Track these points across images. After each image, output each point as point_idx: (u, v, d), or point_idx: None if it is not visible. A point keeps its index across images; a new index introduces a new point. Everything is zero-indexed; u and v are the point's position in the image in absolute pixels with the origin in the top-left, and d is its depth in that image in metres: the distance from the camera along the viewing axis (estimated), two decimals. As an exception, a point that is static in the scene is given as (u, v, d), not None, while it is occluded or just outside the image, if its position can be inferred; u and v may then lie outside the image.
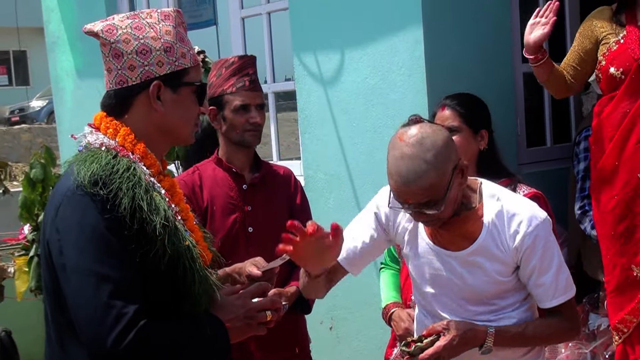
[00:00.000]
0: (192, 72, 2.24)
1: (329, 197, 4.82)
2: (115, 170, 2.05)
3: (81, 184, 2.02)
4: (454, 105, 3.33)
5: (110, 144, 2.15)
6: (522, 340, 2.67)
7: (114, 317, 1.94)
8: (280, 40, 5.49)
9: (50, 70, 7.17)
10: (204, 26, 6.30)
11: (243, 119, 3.28)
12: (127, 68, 2.16)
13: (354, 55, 4.65)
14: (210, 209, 3.29)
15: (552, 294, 2.63)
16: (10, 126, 21.46)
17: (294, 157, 5.84)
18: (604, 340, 4.07)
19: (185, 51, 2.22)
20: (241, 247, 3.27)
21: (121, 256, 2.00)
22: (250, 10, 5.61)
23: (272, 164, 3.65)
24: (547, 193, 3.47)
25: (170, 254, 2.05)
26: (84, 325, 1.99)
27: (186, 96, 2.23)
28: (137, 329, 1.95)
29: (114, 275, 1.97)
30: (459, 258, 2.64)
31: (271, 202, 3.38)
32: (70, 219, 2.03)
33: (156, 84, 2.16)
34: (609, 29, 3.82)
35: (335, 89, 4.78)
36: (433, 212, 2.48)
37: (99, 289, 1.96)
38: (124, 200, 2.01)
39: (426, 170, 2.43)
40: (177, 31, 2.22)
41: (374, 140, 4.57)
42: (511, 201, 2.62)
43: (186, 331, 2.09)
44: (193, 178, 3.34)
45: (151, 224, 2.03)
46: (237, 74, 3.30)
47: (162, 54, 2.16)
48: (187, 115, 2.25)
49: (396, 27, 4.41)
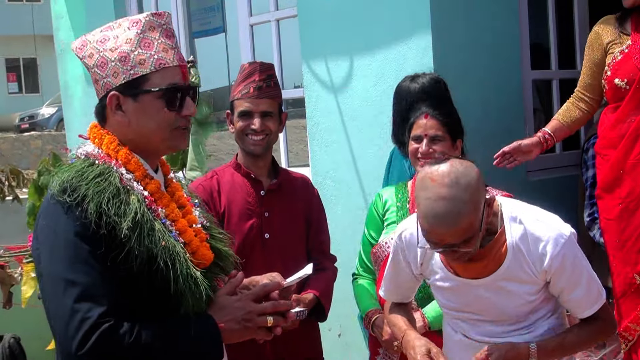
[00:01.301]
0: (154, 77, 2.18)
1: (338, 203, 4.82)
2: (84, 177, 2.09)
3: (53, 192, 2.08)
4: (436, 114, 3.29)
5: (94, 153, 2.18)
6: (563, 351, 2.66)
7: (77, 322, 1.97)
8: (289, 48, 5.50)
9: (60, 77, 7.19)
10: (213, 33, 6.32)
11: (245, 125, 3.27)
12: (94, 81, 2.23)
13: (363, 62, 4.65)
14: (228, 214, 3.27)
15: (585, 305, 2.61)
16: (21, 133, 21.56)
17: (302, 164, 5.84)
18: (613, 348, 4.06)
19: (146, 57, 2.17)
20: (257, 253, 3.26)
21: (89, 261, 2.02)
22: (259, 17, 5.62)
23: (289, 170, 3.63)
24: (556, 200, 3.47)
25: (141, 255, 2.05)
26: (55, 331, 2.04)
27: (149, 103, 2.18)
28: (100, 332, 1.97)
29: (81, 280, 2.00)
30: (486, 285, 2.59)
31: (288, 209, 3.36)
32: (46, 228, 2.08)
33: (112, 95, 2.17)
34: (613, 38, 3.82)
35: (344, 96, 4.79)
36: (468, 250, 2.43)
37: (65, 294, 2.00)
38: (90, 205, 2.03)
39: (465, 212, 2.36)
40: (142, 37, 2.18)
41: (383, 147, 4.56)
42: (534, 222, 2.57)
43: (165, 331, 2.08)
44: (211, 183, 3.33)
45: (116, 228, 2.04)
46: (245, 80, 3.30)
47: (117, 64, 2.16)
48: (154, 122, 2.20)
49: (405, 34, 4.41)
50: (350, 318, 4.77)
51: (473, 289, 2.61)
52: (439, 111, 3.31)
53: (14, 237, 7.18)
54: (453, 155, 2.56)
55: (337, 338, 4.98)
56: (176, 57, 2.23)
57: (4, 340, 5.55)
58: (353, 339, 4.89)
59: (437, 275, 2.69)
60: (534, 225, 2.56)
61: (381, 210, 3.47)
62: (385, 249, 3.38)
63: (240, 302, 2.23)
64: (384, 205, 3.47)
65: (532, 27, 4.87)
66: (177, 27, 6.35)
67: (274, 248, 3.28)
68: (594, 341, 2.91)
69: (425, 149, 3.24)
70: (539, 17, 5.03)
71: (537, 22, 4.98)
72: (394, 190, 3.49)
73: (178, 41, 2.34)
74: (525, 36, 4.79)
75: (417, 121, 3.32)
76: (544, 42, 5.13)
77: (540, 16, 5.04)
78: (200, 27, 6.33)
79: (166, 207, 2.22)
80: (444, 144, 3.28)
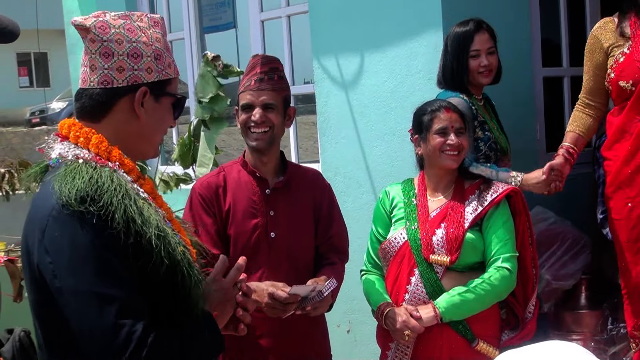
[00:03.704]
0: (174, 83, 2.20)
1: (347, 199, 4.82)
2: (101, 184, 1.96)
3: (67, 202, 1.92)
4: (455, 108, 3.39)
5: (85, 155, 2.05)
6: None
7: (124, 337, 1.88)
8: (299, 44, 5.50)
9: (71, 72, 7.21)
10: (224, 29, 6.32)
11: (246, 118, 3.22)
12: (115, 69, 2.09)
13: (374, 58, 4.65)
14: (232, 213, 3.24)
15: None
16: (31, 127, 21.62)
17: (312, 160, 5.84)
18: (623, 346, 4.05)
19: (171, 61, 2.18)
20: (263, 252, 3.22)
21: (120, 273, 1.92)
22: (270, 13, 5.62)
23: (300, 165, 3.58)
24: (568, 198, 3.47)
25: (167, 264, 1.99)
26: (93, 349, 1.92)
27: (166, 106, 2.18)
28: (149, 344, 1.90)
29: (116, 294, 1.90)
30: None
31: (295, 207, 3.31)
32: (61, 241, 1.93)
33: (143, 90, 2.11)
34: (614, 40, 3.83)
35: (354, 92, 4.78)
36: None
37: (104, 310, 1.89)
38: (116, 214, 1.92)
39: None
40: (165, 40, 2.19)
41: (392, 143, 4.57)
42: None
43: (190, 334, 2.05)
44: (217, 179, 3.29)
45: (145, 235, 1.96)
46: (248, 74, 3.26)
47: (152, 60, 2.12)
48: (163, 125, 2.21)
49: (416, 31, 4.40)
50: (359, 314, 4.77)
51: None
52: (452, 107, 3.42)
53: (24, 231, 7.21)
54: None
55: (346, 334, 4.98)
56: None
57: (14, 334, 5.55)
58: (362, 335, 4.89)
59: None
60: None
61: (388, 207, 3.49)
62: (395, 244, 3.40)
63: (215, 284, 2.21)
64: (391, 202, 3.49)
65: (543, 24, 4.86)
66: (187, 22, 6.36)
67: (281, 247, 3.24)
68: None
69: (455, 141, 3.32)
70: (550, 13, 5.01)
71: (548, 19, 4.96)
72: (401, 187, 3.51)
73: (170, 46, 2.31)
74: (536, 33, 4.77)
75: (438, 115, 3.37)
76: (555, 39, 5.12)
77: (551, 13, 5.02)
78: (211, 22, 6.33)
79: (161, 207, 2.19)
80: (466, 137, 3.38)
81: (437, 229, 3.32)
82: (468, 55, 3.88)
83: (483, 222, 3.34)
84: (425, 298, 3.31)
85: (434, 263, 3.30)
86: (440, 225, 3.33)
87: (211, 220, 3.21)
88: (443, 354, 3.29)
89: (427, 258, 3.30)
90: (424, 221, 3.36)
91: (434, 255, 3.29)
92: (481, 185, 3.38)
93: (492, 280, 3.25)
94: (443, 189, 3.42)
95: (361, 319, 4.81)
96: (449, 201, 3.37)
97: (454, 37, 3.92)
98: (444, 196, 3.40)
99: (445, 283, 3.30)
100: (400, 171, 4.43)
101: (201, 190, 3.25)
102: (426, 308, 3.27)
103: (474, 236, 3.30)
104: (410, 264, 3.35)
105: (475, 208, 3.33)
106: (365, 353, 4.84)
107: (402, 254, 3.38)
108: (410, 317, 3.25)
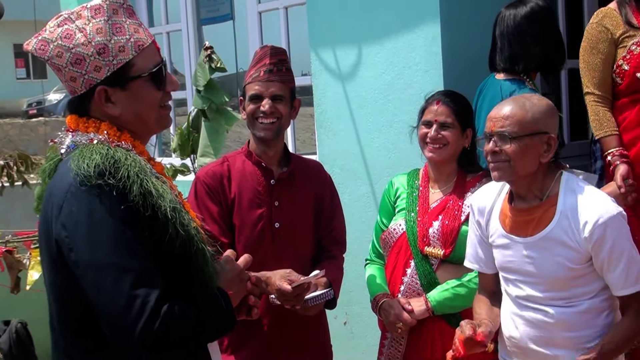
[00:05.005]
0: (139, 61, 2.13)
1: (345, 192, 4.82)
2: (117, 159, 2.01)
3: (85, 177, 1.97)
4: (448, 102, 3.37)
5: (99, 138, 2.10)
6: (605, 356, 2.72)
7: (138, 307, 1.92)
8: (297, 35, 5.49)
9: (68, 63, 7.18)
10: (221, 21, 6.31)
11: (254, 109, 3.23)
12: (70, 80, 2.11)
13: (371, 50, 4.64)
14: (237, 202, 3.25)
15: (622, 283, 2.70)
16: (28, 119, 21.59)
17: (309, 152, 5.84)
18: None
19: (123, 43, 2.11)
20: (267, 242, 3.24)
21: (136, 245, 1.97)
22: (267, 4, 5.61)
23: (302, 157, 3.60)
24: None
25: (182, 237, 2.03)
26: (108, 319, 1.97)
27: (139, 88, 2.15)
28: (162, 314, 1.94)
29: (131, 265, 1.95)
30: (532, 244, 2.77)
31: (299, 198, 3.33)
32: (78, 214, 1.98)
33: (100, 90, 2.11)
34: (624, 30, 3.75)
35: (352, 84, 4.78)
36: (507, 149, 2.70)
37: (119, 280, 1.93)
38: (133, 187, 1.97)
39: (525, 108, 2.73)
40: (112, 23, 2.12)
41: (390, 135, 4.56)
42: (587, 195, 2.73)
43: (205, 307, 2.09)
44: (222, 169, 3.30)
45: (161, 208, 2.00)
46: (256, 65, 3.27)
47: (97, 57, 2.08)
48: (147, 104, 2.18)
49: (414, 22, 4.39)
50: (356, 306, 4.78)
51: (521, 248, 2.79)
52: (450, 99, 3.37)
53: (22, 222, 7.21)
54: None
55: (343, 327, 4.99)
56: (147, 33, 2.19)
57: (11, 325, 5.56)
58: (359, 327, 4.90)
59: (495, 235, 2.90)
60: (586, 197, 2.71)
61: (392, 197, 3.51)
62: (394, 234, 3.41)
63: (228, 265, 2.29)
64: (395, 193, 3.52)
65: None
66: (185, 14, 6.35)
67: (285, 237, 3.26)
68: (631, 338, 2.86)
69: (434, 134, 3.34)
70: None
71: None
72: (406, 177, 3.53)
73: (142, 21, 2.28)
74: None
75: (428, 107, 3.41)
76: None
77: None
78: (208, 14, 6.32)
79: (172, 189, 2.21)
80: (453, 132, 3.35)
81: (434, 221, 3.33)
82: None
83: None
84: (419, 290, 3.33)
85: (428, 255, 3.31)
86: (438, 217, 3.33)
87: (218, 208, 3.22)
88: (436, 346, 3.30)
89: (422, 250, 3.31)
90: (423, 213, 3.37)
91: (429, 247, 3.30)
92: (483, 179, 3.38)
93: None
94: (444, 181, 3.43)
95: (358, 311, 4.82)
96: (449, 194, 3.38)
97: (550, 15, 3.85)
98: (445, 188, 3.41)
99: (440, 275, 3.31)
100: (398, 163, 4.43)
101: (206, 179, 3.26)
102: (418, 301, 3.29)
103: None
104: (406, 255, 3.37)
105: None
106: (362, 345, 4.85)
107: (400, 244, 3.39)
108: (402, 310, 3.27)
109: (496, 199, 2.94)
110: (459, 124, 3.36)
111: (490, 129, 2.75)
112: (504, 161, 2.71)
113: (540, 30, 3.79)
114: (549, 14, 3.86)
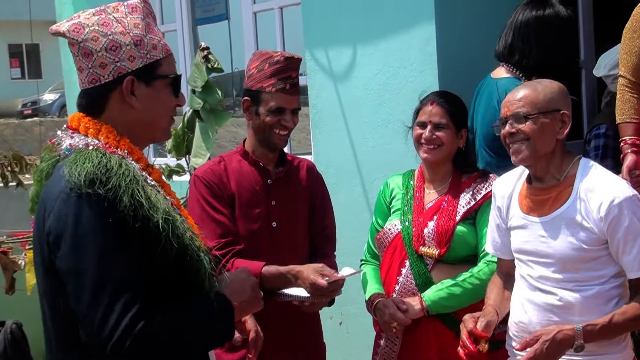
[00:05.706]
0: (165, 63, 2.20)
1: (340, 192, 4.83)
2: (109, 168, 2.00)
3: (76, 184, 1.97)
4: (442, 102, 3.39)
5: (96, 143, 2.10)
6: (611, 331, 2.74)
7: (112, 324, 1.91)
8: (292, 36, 5.49)
9: (63, 63, 7.19)
10: (216, 21, 6.31)
11: (275, 120, 3.22)
12: (98, 66, 2.12)
13: (366, 51, 4.65)
14: (237, 201, 3.26)
15: (638, 265, 2.73)
16: (23, 119, 21.56)
17: (304, 152, 5.84)
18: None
19: (156, 42, 2.18)
20: (265, 241, 3.26)
21: (121, 256, 1.96)
22: (262, 5, 5.61)
23: (296, 156, 3.61)
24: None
25: (176, 248, 2.03)
26: (85, 329, 1.98)
27: (161, 89, 2.19)
28: (136, 332, 1.92)
29: (113, 274, 1.94)
30: (546, 223, 2.83)
31: (294, 197, 3.36)
32: (65, 222, 1.97)
33: (129, 79, 2.13)
34: None
35: (346, 85, 4.78)
36: (524, 130, 2.79)
37: (98, 292, 1.93)
38: (124, 198, 1.96)
39: (538, 90, 2.85)
40: (146, 22, 2.18)
41: (385, 135, 4.57)
42: (603, 177, 2.80)
43: (198, 318, 2.08)
44: (220, 168, 3.31)
45: (153, 219, 1.99)
46: (279, 74, 3.22)
47: (133, 48, 2.13)
48: (163, 108, 2.22)
49: (408, 23, 4.40)
50: (351, 306, 4.78)
51: (537, 228, 2.85)
52: (444, 99, 3.38)
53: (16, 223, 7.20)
54: None
55: (338, 327, 4.99)
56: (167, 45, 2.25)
57: (5, 326, 5.56)
58: (354, 327, 4.90)
59: (513, 218, 2.96)
60: (601, 179, 2.79)
61: (388, 198, 3.53)
62: (389, 234, 3.42)
63: (244, 274, 2.32)
64: (391, 193, 3.53)
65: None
66: (180, 13, 6.35)
67: (281, 236, 3.29)
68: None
69: (428, 134, 3.36)
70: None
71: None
72: (402, 178, 3.54)
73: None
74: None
75: (423, 108, 3.43)
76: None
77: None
78: (204, 14, 6.32)
79: (169, 195, 2.22)
80: (448, 132, 3.36)
81: (429, 221, 3.34)
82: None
83: (477, 215, 3.35)
84: (414, 289, 3.33)
85: (423, 255, 3.31)
86: (433, 217, 3.34)
87: (221, 204, 3.24)
88: (431, 346, 3.31)
89: (417, 250, 3.32)
90: (418, 213, 3.38)
91: (424, 247, 3.31)
92: (478, 179, 3.39)
93: (480, 275, 3.26)
94: (440, 182, 3.44)
95: (353, 311, 4.82)
96: (444, 194, 3.39)
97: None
98: (441, 189, 3.42)
99: (434, 275, 3.32)
100: (393, 164, 4.43)
101: (206, 177, 3.26)
102: (413, 301, 3.30)
103: (465, 229, 3.30)
104: (401, 255, 3.37)
105: (469, 201, 3.34)
106: (358, 345, 4.85)
107: (395, 245, 3.40)
108: (397, 309, 3.27)
109: (516, 183, 3.00)
110: (454, 124, 3.37)
111: (505, 114, 2.85)
112: (523, 140, 2.80)
113: (549, 35, 3.76)
114: (566, 21, 3.82)
